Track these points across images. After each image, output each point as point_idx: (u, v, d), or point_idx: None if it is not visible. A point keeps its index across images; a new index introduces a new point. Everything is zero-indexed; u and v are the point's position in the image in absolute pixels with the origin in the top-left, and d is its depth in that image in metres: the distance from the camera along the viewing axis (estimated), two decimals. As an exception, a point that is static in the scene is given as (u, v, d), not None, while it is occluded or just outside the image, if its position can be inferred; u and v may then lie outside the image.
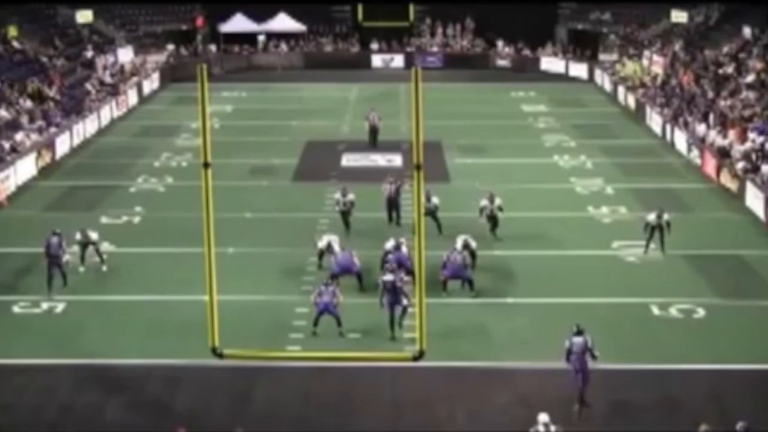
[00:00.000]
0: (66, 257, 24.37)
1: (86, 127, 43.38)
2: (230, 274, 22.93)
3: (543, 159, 38.36)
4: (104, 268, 25.63)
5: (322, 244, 25.34)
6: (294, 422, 17.98)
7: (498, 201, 28.11)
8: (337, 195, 29.03)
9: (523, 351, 20.79)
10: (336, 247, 24.90)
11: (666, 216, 27.12)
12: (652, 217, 27.26)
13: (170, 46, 63.96)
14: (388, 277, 21.45)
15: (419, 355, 10.87)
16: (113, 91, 50.07)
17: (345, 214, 28.61)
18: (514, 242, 27.79)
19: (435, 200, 27.90)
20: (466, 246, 24.73)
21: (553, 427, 15.60)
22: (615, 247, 27.73)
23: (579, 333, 18.51)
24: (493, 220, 28.08)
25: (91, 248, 25.63)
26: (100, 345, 21.17)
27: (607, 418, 17.90)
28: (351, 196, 28.71)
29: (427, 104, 11.02)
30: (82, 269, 25.32)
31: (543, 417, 15.70)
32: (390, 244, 24.64)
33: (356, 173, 36.39)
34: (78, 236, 25.49)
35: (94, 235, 25.69)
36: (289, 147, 40.60)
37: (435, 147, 38.25)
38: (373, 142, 40.76)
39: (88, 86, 49.01)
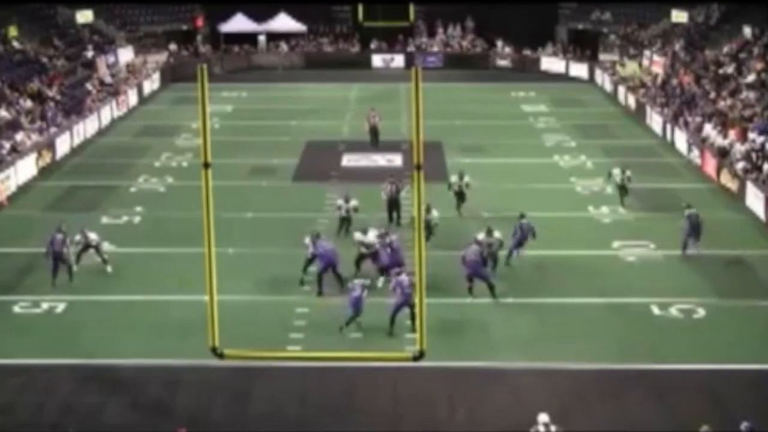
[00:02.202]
0: (69, 250, 24.54)
1: (86, 128, 43.39)
2: (230, 274, 22.93)
3: (543, 159, 38.36)
4: (109, 269, 25.58)
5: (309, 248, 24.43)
6: (294, 422, 17.98)
7: (467, 178, 30.38)
8: (339, 201, 28.37)
9: (523, 351, 20.79)
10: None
11: (628, 172, 31.15)
12: (617, 171, 31.41)
13: (172, 46, 63.99)
14: (404, 277, 21.35)
15: (419, 355, 10.85)
16: (113, 91, 50.08)
17: (345, 221, 27.95)
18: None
19: (435, 213, 26.72)
20: (489, 233, 24.59)
21: (553, 427, 15.61)
22: (615, 247, 27.74)
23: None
24: (460, 196, 30.28)
25: (91, 251, 25.61)
26: (100, 345, 21.17)
27: (607, 419, 17.88)
28: (354, 202, 28.03)
29: (427, 104, 11.01)
30: (75, 269, 25.35)
31: (543, 417, 15.71)
32: (372, 234, 24.78)
33: (357, 173, 36.39)
34: (78, 237, 25.49)
35: (93, 236, 25.67)
36: (290, 147, 40.60)
37: (435, 147, 38.26)
38: (375, 142, 40.78)
39: (89, 86, 49.03)
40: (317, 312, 22.45)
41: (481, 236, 24.42)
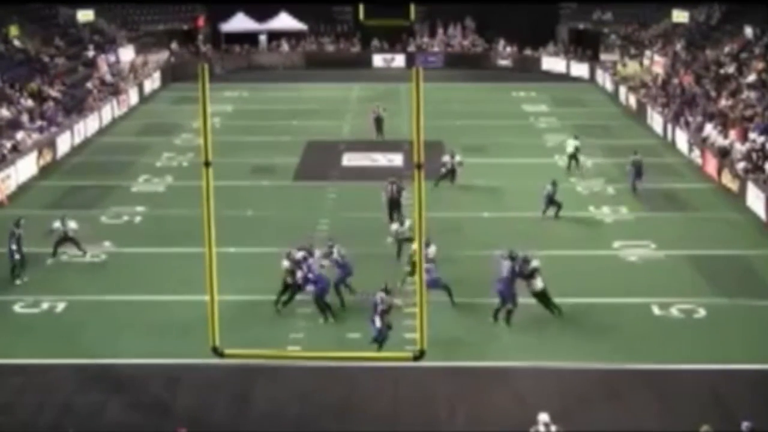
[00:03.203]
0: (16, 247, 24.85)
1: (87, 127, 43.41)
2: (231, 273, 22.88)
3: (544, 159, 38.33)
4: (88, 256, 26.00)
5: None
6: (294, 422, 17.98)
7: (458, 157, 33.70)
8: (395, 225, 26.71)
9: (524, 351, 20.77)
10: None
11: (578, 142, 36.06)
12: (571, 141, 36.20)
13: (173, 45, 64.02)
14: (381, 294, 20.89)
15: (420, 355, 10.83)
16: (114, 91, 50.09)
17: (401, 242, 26.23)
18: (514, 242, 27.73)
19: (433, 248, 23.92)
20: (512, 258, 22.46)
21: (553, 427, 15.60)
22: (616, 247, 27.73)
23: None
24: (452, 174, 33.30)
25: (68, 243, 25.89)
26: (100, 345, 21.17)
27: (608, 418, 17.87)
28: (408, 223, 26.06)
29: (428, 104, 11.00)
30: (50, 261, 25.40)
31: (543, 417, 15.70)
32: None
33: (357, 173, 36.40)
34: (56, 224, 25.63)
35: (72, 225, 25.90)
36: (290, 146, 40.61)
37: (436, 147, 38.23)
38: (380, 133, 41.63)
39: (89, 85, 49.03)
40: (318, 312, 22.42)
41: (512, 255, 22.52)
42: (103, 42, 57.34)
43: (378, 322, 20.39)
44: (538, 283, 21.94)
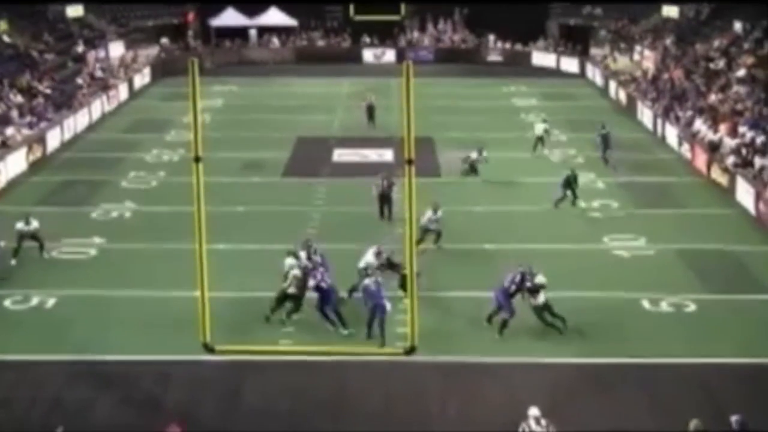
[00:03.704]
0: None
1: (77, 122, 43.29)
2: (221, 269, 22.78)
3: (535, 154, 38.32)
4: (45, 255, 25.96)
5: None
6: (285, 417, 17.96)
7: (485, 153, 33.97)
8: (429, 213, 26.30)
9: (515, 345, 20.77)
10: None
11: (547, 125, 38.54)
12: (540, 125, 38.41)
13: (163, 40, 63.88)
14: (367, 281, 21.09)
15: (411, 350, 10.88)
16: (104, 86, 49.96)
17: (426, 232, 26.31)
18: (505, 236, 27.81)
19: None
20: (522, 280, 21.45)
21: (543, 421, 15.62)
22: (606, 242, 27.77)
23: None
24: (473, 169, 33.67)
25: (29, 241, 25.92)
26: (91, 340, 21.11)
27: (598, 413, 17.91)
28: (35, 224, 26.12)
29: (418, 99, 11.00)
30: (13, 263, 25.38)
31: (533, 411, 15.71)
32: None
33: (347, 168, 36.38)
34: (20, 225, 25.62)
35: (35, 224, 25.87)
36: (280, 142, 40.55)
37: (426, 142, 38.23)
38: (371, 120, 42.80)
39: (79, 81, 48.90)
40: (309, 307, 22.38)
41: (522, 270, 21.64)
42: (92, 37, 57.19)
43: (388, 305, 20.53)
44: (540, 299, 21.41)
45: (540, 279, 21.36)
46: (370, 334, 20.75)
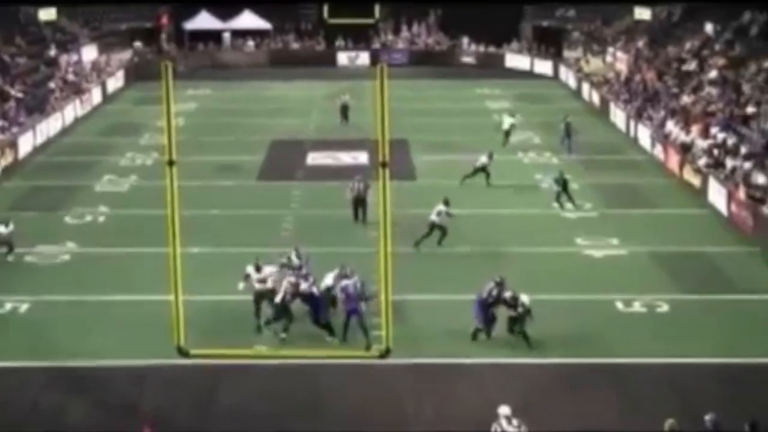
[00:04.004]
0: None
1: (50, 127, 43.05)
2: (196, 273, 22.71)
3: (508, 156, 38.43)
4: (10, 258, 25.90)
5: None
6: (260, 420, 17.94)
7: (495, 156, 33.89)
8: (441, 206, 26.93)
9: (489, 347, 20.82)
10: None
11: (514, 119, 40.59)
12: (507, 119, 40.40)
13: (137, 44, 63.63)
14: (346, 281, 20.91)
15: (385, 353, 10.90)
16: (77, 90, 49.71)
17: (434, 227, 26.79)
18: (478, 239, 27.88)
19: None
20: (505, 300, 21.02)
21: (515, 420, 15.65)
22: (579, 244, 27.90)
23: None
24: (487, 174, 33.22)
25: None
26: (65, 345, 21.00)
27: (571, 413, 17.99)
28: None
29: (392, 101, 11.03)
30: None
31: (504, 409, 15.71)
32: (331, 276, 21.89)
33: (322, 171, 36.38)
34: (1, 229, 25.53)
35: (12, 227, 25.77)
36: (255, 145, 40.50)
37: (401, 144, 38.27)
38: (345, 118, 44.10)
39: (52, 85, 48.61)
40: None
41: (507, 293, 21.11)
42: (65, 41, 56.87)
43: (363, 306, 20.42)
44: (512, 312, 21.04)
45: (524, 299, 20.82)
46: (345, 337, 20.75)
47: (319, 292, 21.21)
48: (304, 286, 21.21)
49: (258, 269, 21.85)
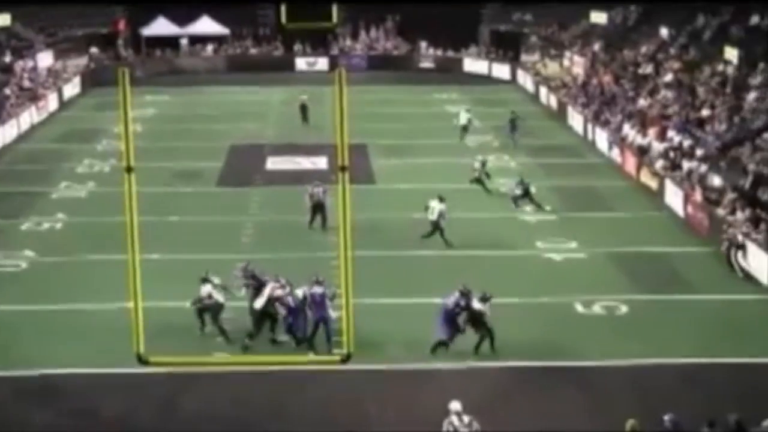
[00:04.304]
0: None
1: (5, 134, 42.61)
2: (155, 279, 22.54)
3: (467, 159, 38.52)
4: None
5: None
6: (223, 427, 17.87)
7: (488, 164, 34.03)
8: (438, 204, 27.59)
9: (450, 352, 20.80)
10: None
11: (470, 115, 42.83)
12: (463, 114, 42.87)
13: (94, 49, 63.13)
14: (316, 289, 20.76)
15: (347, 358, 10.89)
16: (33, 97, 49.23)
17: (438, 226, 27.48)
18: (438, 243, 27.92)
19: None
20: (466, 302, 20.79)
21: (465, 417, 15.64)
22: (539, 247, 28.05)
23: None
24: (480, 183, 33.24)
25: None
26: (23, 354, 20.76)
27: (534, 415, 18.07)
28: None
29: (351, 106, 11.04)
30: None
31: (455, 405, 15.67)
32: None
33: (281, 176, 36.30)
34: None
35: None
36: (214, 151, 40.33)
37: (360, 149, 38.27)
38: (305, 119, 45.24)
39: (7, 91, 48.07)
40: (243, 317, 22.26)
41: (474, 301, 20.79)
42: (20, 47, 56.28)
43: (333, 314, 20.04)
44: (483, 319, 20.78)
45: (480, 306, 20.70)
46: (311, 344, 20.64)
47: (294, 303, 20.90)
48: (279, 292, 20.87)
49: (206, 282, 21.66)
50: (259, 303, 20.86)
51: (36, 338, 21.66)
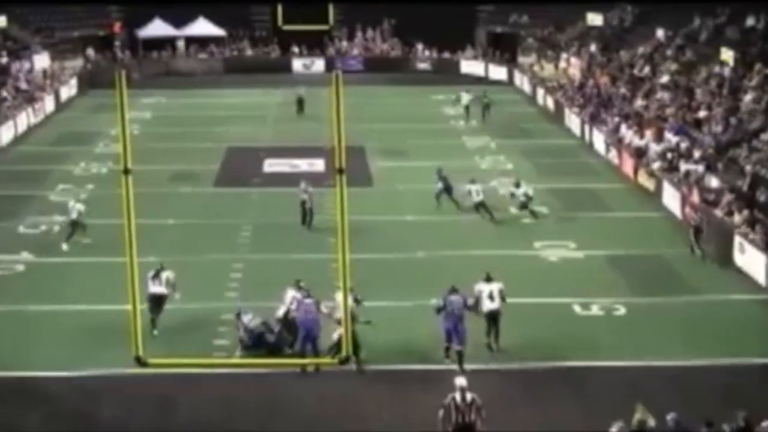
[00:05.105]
0: None
1: (2, 135, 42.53)
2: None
3: (465, 161, 38.59)
4: None
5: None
6: (220, 426, 17.86)
7: (523, 188, 31.18)
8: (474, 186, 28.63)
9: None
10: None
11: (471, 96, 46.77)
12: (465, 96, 47.36)
13: (90, 51, 63.08)
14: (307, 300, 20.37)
15: (345, 360, 10.90)
16: (29, 98, 49.19)
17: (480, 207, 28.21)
18: (437, 244, 27.94)
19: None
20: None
21: (469, 395, 15.64)
22: (537, 247, 28.06)
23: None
24: (524, 206, 30.92)
25: None
26: (21, 356, 20.74)
27: (531, 416, 18.07)
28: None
29: (348, 108, 11.04)
30: None
31: (460, 380, 15.72)
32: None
33: (278, 178, 36.27)
34: None
35: None
36: (211, 153, 40.30)
37: (357, 151, 38.26)
38: (301, 111, 47.16)
39: (4, 93, 48.04)
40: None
41: (478, 287, 21.10)
42: (16, 49, 56.21)
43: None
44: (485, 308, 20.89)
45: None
46: (303, 351, 20.49)
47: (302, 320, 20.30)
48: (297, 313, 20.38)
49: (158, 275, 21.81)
50: (280, 313, 20.79)
51: (33, 341, 21.60)
